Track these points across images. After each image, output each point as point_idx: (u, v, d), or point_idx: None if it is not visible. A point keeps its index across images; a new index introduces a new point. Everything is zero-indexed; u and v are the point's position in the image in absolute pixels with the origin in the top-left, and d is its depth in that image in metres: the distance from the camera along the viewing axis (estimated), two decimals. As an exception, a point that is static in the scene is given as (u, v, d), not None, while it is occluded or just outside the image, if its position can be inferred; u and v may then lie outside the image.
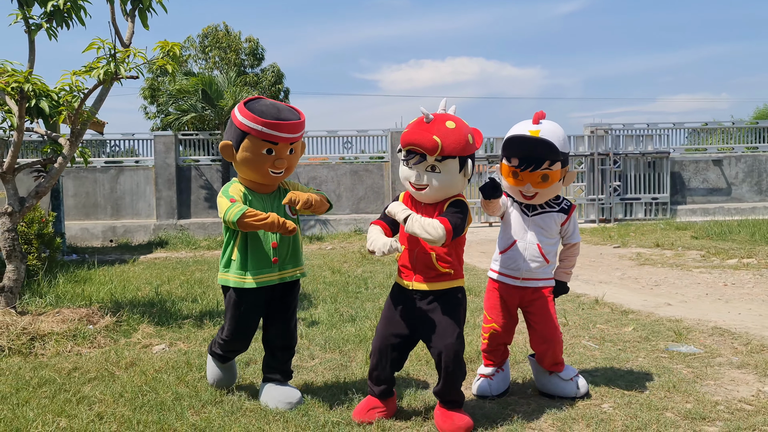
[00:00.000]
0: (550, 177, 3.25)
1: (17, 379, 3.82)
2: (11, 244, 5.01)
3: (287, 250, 3.35)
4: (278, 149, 3.21)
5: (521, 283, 3.39)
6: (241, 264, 3.27)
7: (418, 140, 2.88)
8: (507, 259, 3.42)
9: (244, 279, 3.26)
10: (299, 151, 3.38)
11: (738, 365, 3.93)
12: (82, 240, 14.19)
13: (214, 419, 3.11)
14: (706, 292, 6.52)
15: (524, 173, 3.25)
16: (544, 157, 3.20)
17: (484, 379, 3.48)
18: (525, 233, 3.38)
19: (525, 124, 3.33)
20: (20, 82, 4.73)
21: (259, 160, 3.20)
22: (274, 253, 3.29)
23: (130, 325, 5.12)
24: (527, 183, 3.27)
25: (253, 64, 21.75)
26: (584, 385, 3.42)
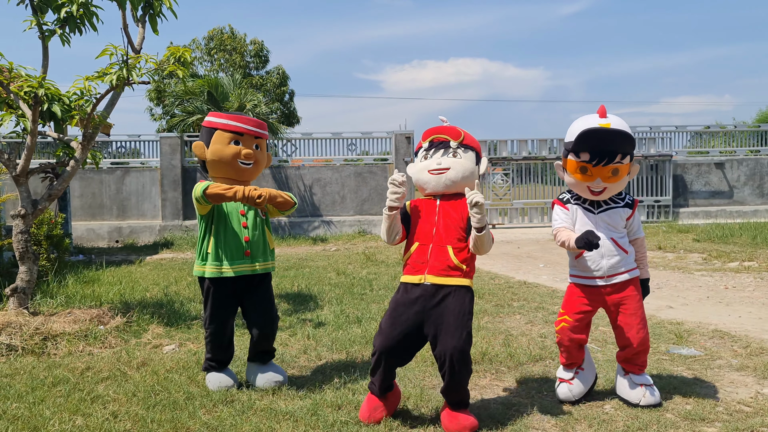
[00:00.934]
0: (620, 171, 3.24)
1: (32, 378, 3.90)
2: (24, 245, 5.10)
3: (258, 244, 3.68)
4: (244, 141, 3.61)
5: (606, 282, 3.33)
6: (216, 256, 3.60)
7: (444, 130, 3.22)
8: (586, 261, 3.37)
9: (221, 269, 3.60)
10: (264, 153, 3.75)
11: (737, 368, 3.99)
12: (88, 240, 14.29)
13: (225, 418, 3.19)
14: (707, 295, 6.58)
15: (595, 168, 3.22)
16: (617, 150, 3.19)
17: (564, 384, 3.44)
18: (598, 230, 3.31)
19: (592, 118, 3.28)
20: (34, 87, 4.81)
21: (228, 150, 3.57)
22: (246, 246, 3.63)
23: (140, 326, 5.20)
24: (597, 178, 3.24)
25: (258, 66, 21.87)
26: (653, 396, 3.30)
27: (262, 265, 3.69)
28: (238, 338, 4.60)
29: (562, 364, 3.51)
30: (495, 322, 5.39)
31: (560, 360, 3.53)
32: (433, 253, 3.07)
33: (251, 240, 3.64)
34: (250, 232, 3.65)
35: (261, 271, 3.69)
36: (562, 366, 3.52)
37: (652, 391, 3.32)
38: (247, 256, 3.63)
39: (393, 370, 3.17)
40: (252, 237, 3.65)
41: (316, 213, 15.35)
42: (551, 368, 4.04)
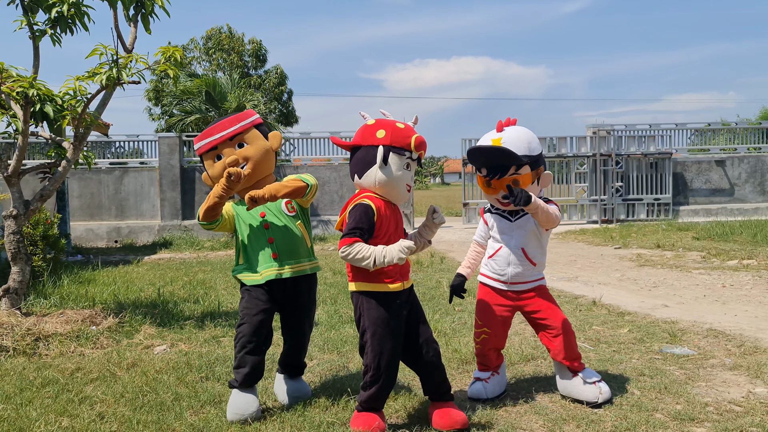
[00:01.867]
0: (521, 181, 3.30)
1: (21, 380, 3.90)
2: (16, 246, 5.09)
3: (286, 244, 3.33)
4: (224, 151, 3.32)
5: (509, 287, 3.45)
6: (247, 264, 3.35)
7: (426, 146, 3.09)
8: (494, 264, 3.48)
9: (252, 276, 3.31)
10: (258, 142, 3.35)
11: (730, 367, 3.97)
12: (87, 241, 14.30)
13: (212, 419, 3.17)
14: (704, 294, 6.55)
15: (495, 181, 3.33)
16: (507, 164, 3.27)
17: (479, 382, 3.51)
18: (510, 239, 3.43)
19: (490, 134, 3.40)
20: (25, 87, 4.81)
21: (216, 168, 3.33)
22: (272, 248, 3.31)
23: (133, 326, 5.20)
24: (500, 190, 3.33)
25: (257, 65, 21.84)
26: (607, 390, 3.34)
27: (297, 266, 3.34)
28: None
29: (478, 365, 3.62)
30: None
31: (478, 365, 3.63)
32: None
33: (276, 240, 3.31)
34: (275, 233, 3.32)
35: (291, 274, 3.32)
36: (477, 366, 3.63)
37: (605, 386, 3.36)
38: (275, 259, 3.30)
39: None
40: (276, 237, 3.32)
41: (314, 213, 15.34)
42: (543, 368, 4.02)
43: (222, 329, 5.20)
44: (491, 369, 3.55)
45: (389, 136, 2.98)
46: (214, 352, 4.46)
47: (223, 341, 4.84)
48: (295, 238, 3.36)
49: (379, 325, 2.97)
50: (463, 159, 16.21)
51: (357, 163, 3.05)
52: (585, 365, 3.45)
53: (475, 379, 3.55)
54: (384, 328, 2.97)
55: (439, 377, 3.11)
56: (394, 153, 2.98)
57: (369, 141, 3.02)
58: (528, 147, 3.30)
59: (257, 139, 3.36)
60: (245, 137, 3.33)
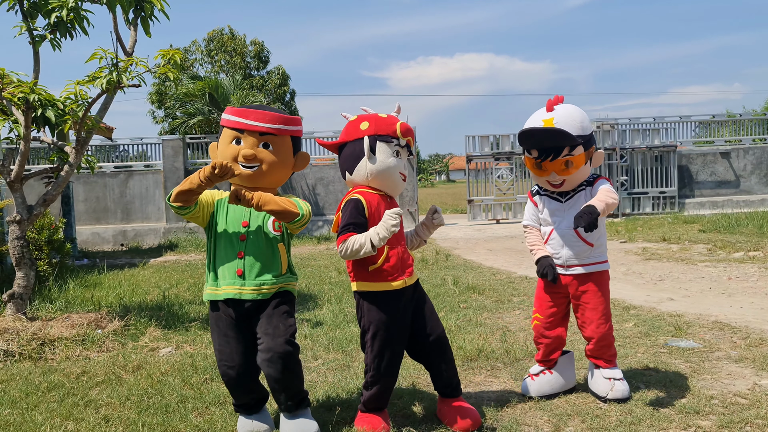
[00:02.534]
0: (574, 162, 3.22)
1: (27, 384, 3.91)
2: (20, 251, 5.12)
3: (257, 263, 2.91)
4: (245, 139, 2.92)
5: (567, 270, 3.34)
6: (212, 274, 2.99)
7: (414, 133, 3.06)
8: (548, 248, 3.39)
9: (215, 290, 2.96)
10: (284, 153, 2.99)
11: (736, 359, 3.95)
12: (93, 244, 14.36)
13: (217, 420, 3.18)
14: (710, 286, 6.52)
15: (546, 163, 3.24)
16: (560, 145, 3.18)
17: (527, 378, 3.48)
18: (561, 221, 3.34)
19: (539, 113, 3.31)
20: (26, 92, 4.82)
21: (228, 151, 2.95)
22: (239, 263, 2.92)
23: (138, 329, 5.21)
24: (552, 172, 3.25)
25: (259, 66, 21.88)
26: (621, 390, 3.26)
27: (255, 289, 2.89)
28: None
29: (537, 360, 3.55)
30: (494, 318, 5.37)
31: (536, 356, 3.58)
32: (403, 255, 3.01)
33: (246, 254, 2.91)
34: (248, 247, 2.92)
35: (250, 296, 2.88)
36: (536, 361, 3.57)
37: (621, 384, 3.29)
38: (239, 276, 2.91)
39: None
40: (247, 250, 2.92)
41: (319, 212, 15.35)
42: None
43: (227, 330, 5.21)
44: (545, 363, 3.47)
45: (373, 126, 2.95)
46: (218, 354, 4.46)
47: (228, 342, 4.84)
48: (268, 259, 2.94)
49: (379, 326, 2.93)
50: (468, 156, 16.18)
51: (345, 159, 3.01)
52: (615, 364, 3.39)
53: (528, 375, 3.51)
54: (384, 329, 2.93)
55: (449, 372, 3.08)
56: (380, 141, 2.92)
57: (354, 135, 2.98)
58: (581, 126, 3.22)
59: (285, 150, 3.00)
60: (275, 140, 2.96)
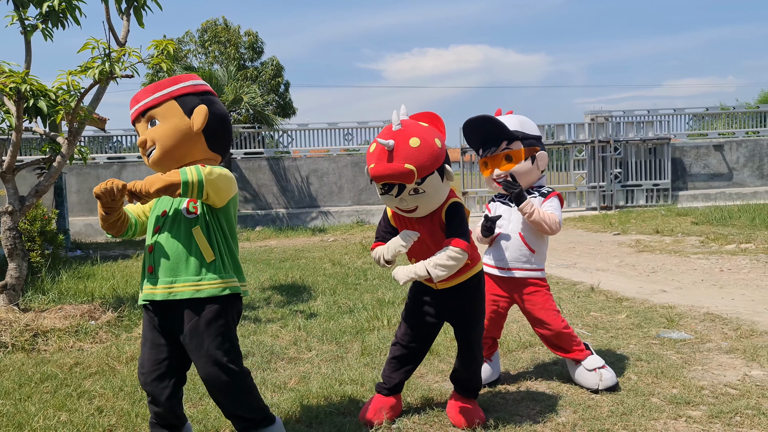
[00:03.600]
0: (513, 157, 3.31)
1: (20, 375, 3.91)
2: (12, 242, 5.10)
3: (166, 255, 2.45)
4: (138, 128, 2.58)
5: (507, 274, 3.42)
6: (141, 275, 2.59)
7: (392, 175, 2.59)
8: (493, 251, 3.47)
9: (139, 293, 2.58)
10: (169, 119, 2.50)
11: (726, 350, 3.98)
12: (86, 236, 14.31)
13: (210, 411, 3.18)
14: (702, 278, 6.56)
15: (489, 159, 3.37)
16: (499, 136, 3.30)
17: None
18: (508, 224, 3.43)
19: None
20: (17, 82, 4.79)
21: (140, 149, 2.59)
22: (149, 259, 2.50)
23: (132, 320, 5.21)
24: (495, 168, 3.36)
25: (253, 57, 21.77)
26: (609, 377, 3.31)
27: (166, 287, 2.41)
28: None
29: None
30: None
31: None
32: None
33: (155, 249, 2.47)
34: (157, 239, 2.48)
35: (163, 297, 2.41)
36: None
37: (607, 372, 3.34)
38: (150, 273, 2.47)
39: (409, 365, 3.10)
40: (157, 246, 2.47)
41: (313, 204, 15.34)
42: (540, 355, 4.03)
43: (220, 322, 5.20)
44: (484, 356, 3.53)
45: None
46: (212, 345, 4.46)
47: (221, 334, 4.85)
48: (179, 249, 2.44)
49: (407, 315, 3.10)
50: (462, 148, 16.18)
51: None
52: (589, 352, 3.42)
53: None
54: (408, 319, 3.08)
55: (470, 373, 3.04)
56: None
57: None
58: (520, 125, 3.36)
59: (172, 115, 2.50)
60: (157, 113, 2.51)
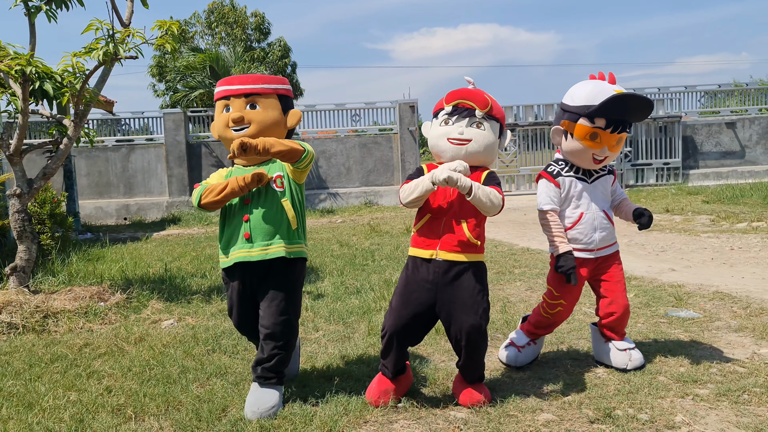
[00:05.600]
0: (622, 140, 3.24)
1: (30, 356, 3.95)
2: (21, 225, 5.12)
3: (262, 222, 2.96)
4: (233, 104, 3.04)
5: (595, 254, 3.30)
6: (222, 242, 3.07)
7: (470, 95, 2.96)
8: (577, 234, 3.28)
9: (224, 258, 3.05)
10: (271, 110, 3.04)
11: (736, 329, 3.96)
12: (96, 219, 14.39)
13: (217, 391, 3.20)
14: (712, 257, 6.51)
15: (606, 135, 3.17)
16: (633, 119, 3.25)
17: (513, 348, 3.44)
18: (589, 203, 3.29)
19: (607, 84, 3.24)
20: (22, 65, 4.78)
21: (220, 120, 3.08)
22: (245, 227, 2.98)
23: (140, 302, 5.24)
24: (605, 146, 3.19)
25: (260, 38, 21.64)
26: (638, 358, 3.29)
27: (263, 249, 2.95)
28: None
29: (524, 330, 3.52)
30: (495, 290, 5.37)
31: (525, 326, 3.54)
32: (446, 228, 2.88)
33: (252, 218, 2.96)
34: (252, 209, 2.97)
35: (261, 257, 2.94)
36: (522, 331, 3.53)
37: (636, 353, 3.32)
38: (246, 239, 2.97)
39: (405, 350, 3.02)
40: (254, 215, 2.97)
41: (322, 185, 15.33)
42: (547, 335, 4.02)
43: (229, 302, 5.23)
44: (532, 335, 3.48)
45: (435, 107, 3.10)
46: (220, 326, 4.49)
47: (229, 314, 4.87)
48: (274, 217, 2.97)
49: (402, 286, 2.98)
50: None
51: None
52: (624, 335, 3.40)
53: (510, 343, 3.48)
54: (402, 290, 2.96)
55: (473, 362, 2.96)
56: (434, 118, 3.07)
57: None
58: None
59: (273, 108, 3.06)
60: (260, 100, 3.04)
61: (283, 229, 2.99)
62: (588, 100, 3.19)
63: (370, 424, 2.80)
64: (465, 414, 2.86)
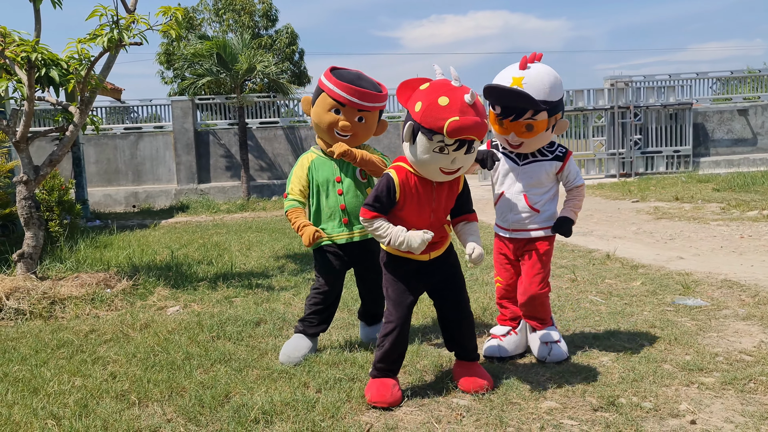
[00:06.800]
0: (535, 127, 3.14)
1: (37, 341, 3.97)
2: (28, 211, 5.14)
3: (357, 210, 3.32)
4: (345, 111, 3.33)
5: (511, 234, 3.35)
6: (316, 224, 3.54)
7: (477, 130, 2.66)
8: (498, 211, 3.42)
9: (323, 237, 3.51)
10: (372, 124, 3.43)
11: (743, 317, 3.92)
12: (105, 206, 14.46)
13: (221, 377, 3.21)
14: (721, 245, 6.46)
15: (507, 122, 3.17)
16: (523, 107, 3.10)
17: (494, 340, 3.44)
18: (512, 184, 3.32)
19: (511, 69, 3.21)
20: (28, 51, 4.77)
21: (326, 118, 3.36)
22: (344, 214, 3.46)
23: (147, 288, 5.26)
24: (511, 132, 3.19)
25: (267, 25, 21.52)
26: (559, 353, 3.28)
27: (360, 232, 3.46)
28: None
29: (499, 320, 3.55)
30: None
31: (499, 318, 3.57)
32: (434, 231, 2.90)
33: (348, 207, 3.44)
34: (346, 199, 3.44)
35: (361, 238, 3.47)
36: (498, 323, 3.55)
37: (557, 348, 3.29)
38: (345, 224, 3.46)
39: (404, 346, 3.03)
40: (349, 204, 3.44)
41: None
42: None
43: (234, 290, 5.25)
44: (508, 324, 3.47)
45: (422, 113, 2.69)
46: (225, 313, 4.50)
47: (235, 301, 4.88)
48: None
49: (395, 292, 2.95)
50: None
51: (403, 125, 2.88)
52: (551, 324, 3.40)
53: (491, 336, 3.49)
54: (398, 281, 2.95)
55: (468, 336, 3.05)
56: (422, 133, 2.68)
57: (408, 108, 2.83)
58: (549, 92, 3.12)
59: (374, 121, 3.45)
60: (368, 115, 3.39)
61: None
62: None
63: (372, 411, 2.80)
64: (468, 401, 2.86)
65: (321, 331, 3.60)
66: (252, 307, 4.66)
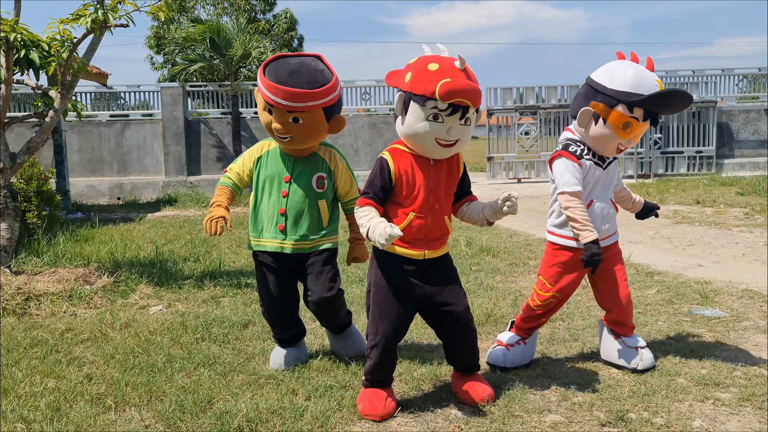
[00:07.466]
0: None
1: (9, 340, 3.97)
2: (4, 201, 5.14)
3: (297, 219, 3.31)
4: (275, 112, 3.16)
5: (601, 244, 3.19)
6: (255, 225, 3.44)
7: (470, 93, 2.66)
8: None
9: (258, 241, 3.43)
10: (314, 124, 3.20)
11: (765, 329, 3.91)
12: (88, 197, 14.46)
13: (204, 381, 3.21)
14: (744, 252, 6.44)
15: (638, 125, 3.12)
16: (672, 112, 3.28)
17: (501, 348, 3.39)
18: (601, 190, 3.27)
19: (647, 73, 3.14)
20: (6, 31, 4.77)
21: (263, 117, 3.27)
22: (280, 219, 3.32)
23: (128, 286, 5.26)
24: (632, 136, 3.16)
25: (265, 9, 21.57)
26: (649, 358, 3.27)
27: (294, 244, 3.31)
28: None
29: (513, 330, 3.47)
30: (507, 282, 5.35)
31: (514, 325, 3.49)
32: (432, 227, 2.88)
33: (288, 212, 3.29)
34: (289, 203, 3.29)
35: (293, 251, 3.31)
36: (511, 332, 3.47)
37: (648, 353, 3.29)
38: (281, 231, 3.31)
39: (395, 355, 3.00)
40: (290, 209, 3.30)
41: (328, 167, 15.30)
42: (559, 330, 4.00)
43: (222, 289, 5.24)
44: (524, 335, 3.41)
45: (412, 81, 2.72)
46: (211, 313, 4.49)
47: (222, 302, 4.88)
48: (308, 216, 3.32)
49: (386, 293, 2.88)
50: (488, 110, 15.98)
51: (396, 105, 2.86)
52: (634, 331, 3.38)
53: (497, 344, 3.44)
54: (389, 289, 2.87)
55: (469, 348, 3.01)
56: (414, 101, 2.71)
57: (399, 84, 2.82)
58: None
59: (316, 121, 3.20)
60: (304, 115, 3.15)
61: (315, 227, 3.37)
62: (631, 87, 3.07)
63: (364, 422, 2.80)
64: (467, 413, 2.85)
65: (293, 337, 3.51)
66: (240, 307, 4.65)
